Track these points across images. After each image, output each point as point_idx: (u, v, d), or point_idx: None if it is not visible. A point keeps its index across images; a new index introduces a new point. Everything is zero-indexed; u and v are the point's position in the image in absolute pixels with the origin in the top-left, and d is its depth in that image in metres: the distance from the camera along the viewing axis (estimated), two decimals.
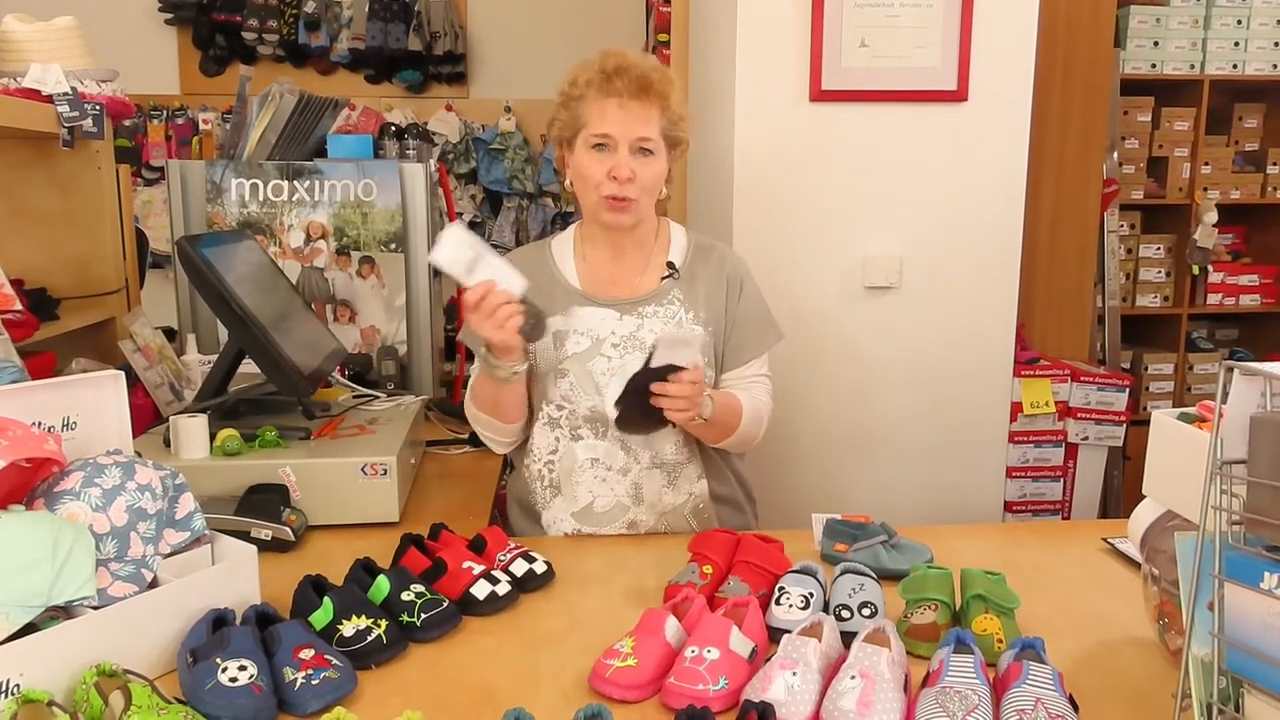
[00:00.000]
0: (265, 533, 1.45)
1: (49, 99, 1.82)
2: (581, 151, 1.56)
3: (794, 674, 1.03)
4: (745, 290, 1.68)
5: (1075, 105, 2.92)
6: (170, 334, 2.28)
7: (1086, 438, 2.64)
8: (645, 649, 1.09)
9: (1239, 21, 3.53)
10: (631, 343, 1.61)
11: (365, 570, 1.28)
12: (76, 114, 1.83)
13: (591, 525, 1.61)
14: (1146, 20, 3.49)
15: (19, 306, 1.69)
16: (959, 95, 2.21)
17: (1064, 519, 2.65)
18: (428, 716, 0.97)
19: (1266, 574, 0.84)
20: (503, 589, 1.28)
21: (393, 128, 4.17)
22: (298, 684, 1.03)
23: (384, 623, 1.16)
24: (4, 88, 1.81)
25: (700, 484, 1.64)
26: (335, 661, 1.07)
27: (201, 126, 4.23)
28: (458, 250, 1.40)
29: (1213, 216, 3.49)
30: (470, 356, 4.09)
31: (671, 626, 1.13)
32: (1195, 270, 3.64)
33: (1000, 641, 1.15)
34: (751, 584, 1.28)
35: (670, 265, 1.66)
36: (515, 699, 1.05)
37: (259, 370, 1.70)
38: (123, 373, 1.24)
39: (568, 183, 1.64)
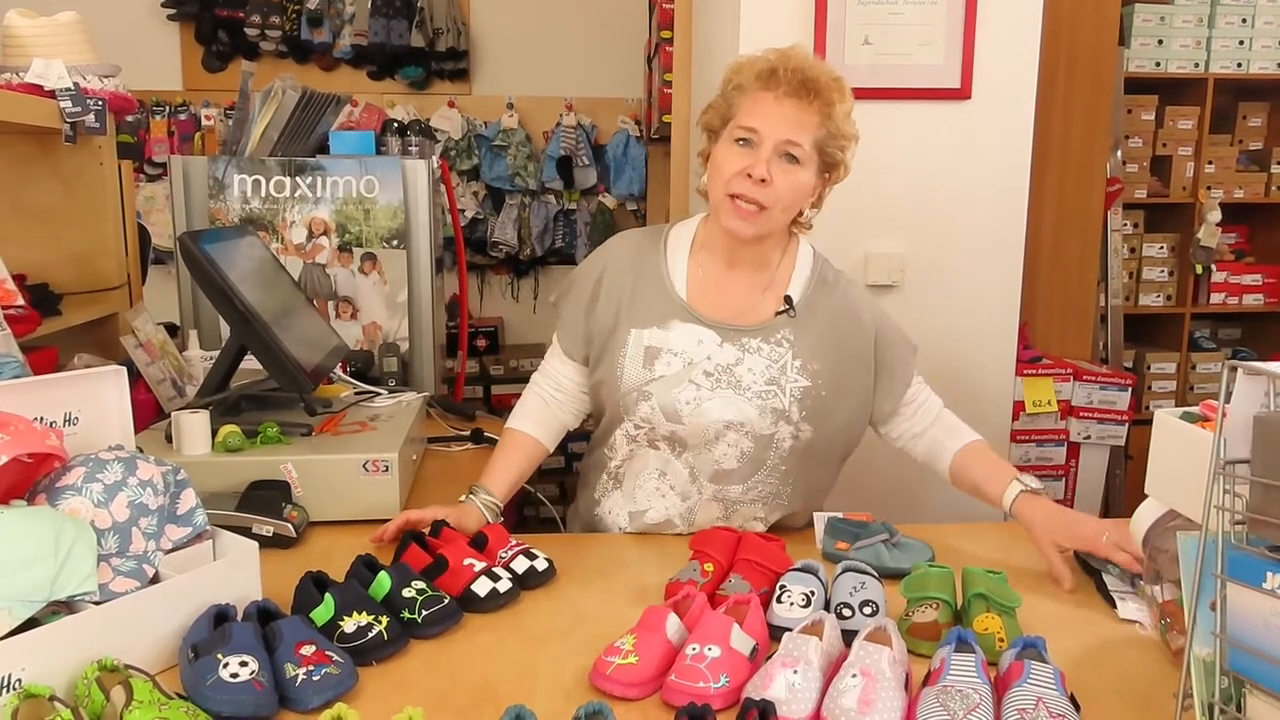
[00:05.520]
0: (267, 529, 1.45)
1: (51, 94, 1.82)
2: (724, 143, 1.44)
3: (795, 672, 1.03)
4: (881, 340, 1.55)
5: (1079, 103, 2.92)
6: (172, 330, 2.28)
7: (1089, 437, 2.64)
8: (646, 646, 1.09)
9: (1244, 20, 3.52)
10: (726, 377, 1.47)
11: (366, 567, 1.28)
12: (79, 109, 1.83)
13: (642, 531, 1.58)
14: (1151, 19, 3.49)
15: (21, 302, 1.69)
16: (962, 93, 2.20)
17: None
18: (428, 713, 0.97)
19: (1269, 574, 0.84)
20: (504, 586, 1.28)
21: (395, 124, 4.17)
22: (299, 680, 1.03)
23: (385, 619, 1.16)
24: (6, 83, 1.81)
25: (754, 524, 1.57)
26: (336, 658, 1.07)
27: (204, 122, 4.22)
28: None
29: (1216, 215, 3.49)
30: (472, 353, 4.09)
31: (673, 624, 1.13)
32: (1198, 269, 3.64)
33: (1002, 640, 1.15)
34: (753, 582, 1.28)
35: (788, 300, 1.52)
36: (516, 696, 1.05)
37: (261, 366, 1.70)
38: (125, 368, 1.24)
39: (702, 180, 1.50)
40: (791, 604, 1.22)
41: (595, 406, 1.63)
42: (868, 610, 1.20)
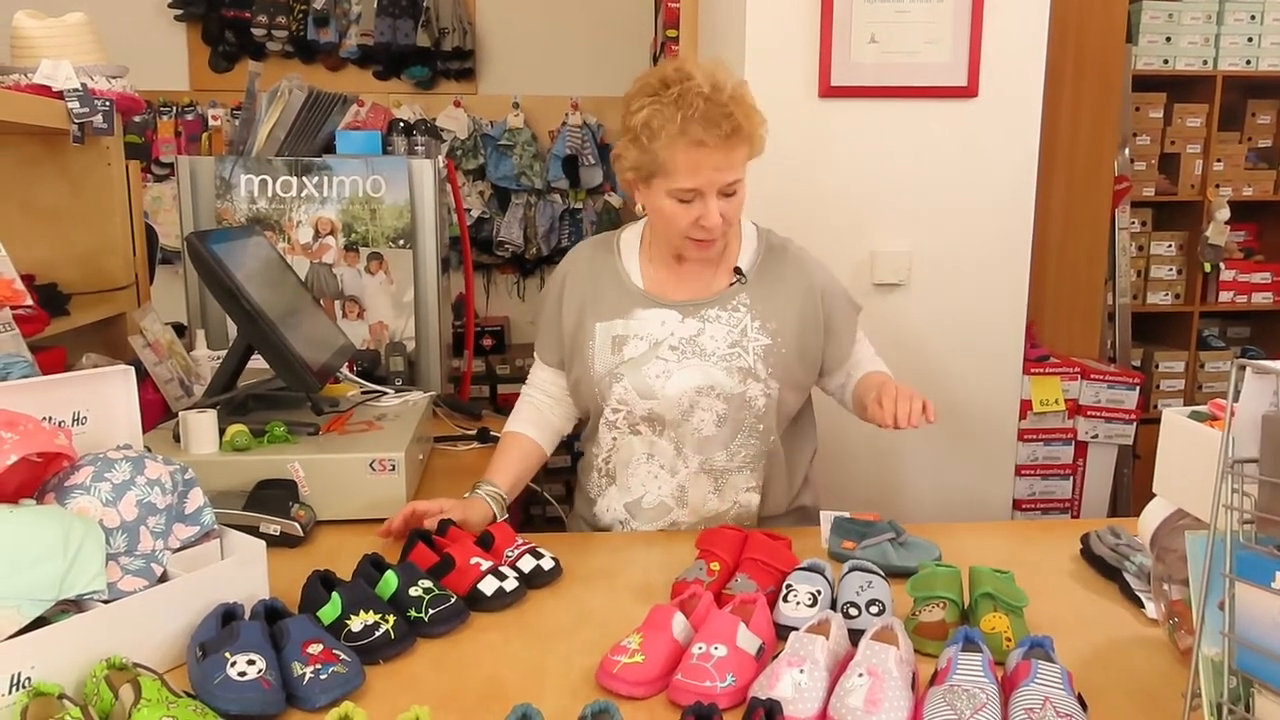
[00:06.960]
0: (274, 528, 1.45)
1: (59, 95, 1.83)
2: (661, 196, 1.47)
3: (801, 671, 1.03)
4: (827, 297, 1.61)
5: (1086, 101, 2.91)
6: (180, 329, 2.29)
7: (1096, 436, 2.63)
8: (652, 645, 1.09)
9: (1252, 17, 3.51)
10: (691, 347, 1.55)
11: (373, 565, 1.28)
12: (87, 110, 1.83)
13: (639, 520, 1.61)
14: (1159, 16, 3.48)
15: (29, 302, 1.69)
16: (969, 91, 2.20)
17: (1073, 517, 2.64)
18: (435, 712, 0.98)
19: (1277, 573, 0.83)
20: (510, 585, 1.29)
21: (401, 124, 4.18)
22: (306, 678, 1.03)
23: (392, 618, 1.16)
24: (15, 84, 1.81)
25: (748, 495, 1.61)
26: (343, 656, 1.07)
27: (211, 123, 4.23)
28: None
29: (1225, 213, 3.47)
30: (478, 352, 4.10)
31: (679, 623, 1.13)
32: (1207, 268, 3.62)
33: (1009, 640, 1.15)
34: (759, 581, 1.28)
35: (737, 270, 1.59)
36: (522, 694, 1.05)
37: (268, 366, 1.70)
38: (132, 368, 1.25)
39: (638, 207, 1.55)
40: (798, 603, 1.22)
41: (579, 408, 1.68)
42: (874, 609, 1.20)
